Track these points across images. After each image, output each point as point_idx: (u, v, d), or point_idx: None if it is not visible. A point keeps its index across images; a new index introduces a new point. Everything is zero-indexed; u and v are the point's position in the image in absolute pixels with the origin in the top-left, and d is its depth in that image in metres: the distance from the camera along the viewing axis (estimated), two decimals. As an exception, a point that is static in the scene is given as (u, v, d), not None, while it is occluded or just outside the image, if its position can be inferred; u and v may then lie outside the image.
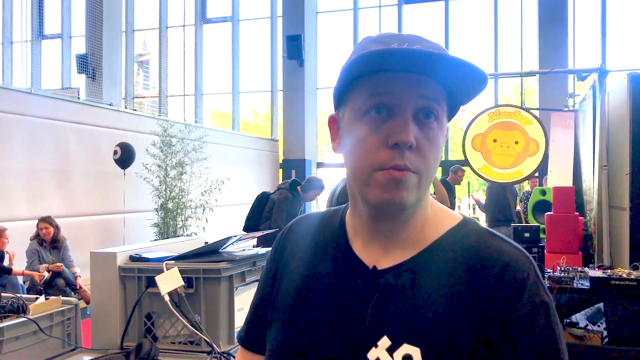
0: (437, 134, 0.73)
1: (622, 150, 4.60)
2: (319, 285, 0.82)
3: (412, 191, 0.72)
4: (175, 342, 1.73)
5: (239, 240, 2.07)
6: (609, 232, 4.71)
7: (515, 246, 0.76)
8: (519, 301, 0.70)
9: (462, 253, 0.74)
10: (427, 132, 0.73)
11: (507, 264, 0.72)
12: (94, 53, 12.58)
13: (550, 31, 10.49)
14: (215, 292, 1.69)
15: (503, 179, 5.38)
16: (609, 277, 3.41)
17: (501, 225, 6.63)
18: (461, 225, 0.79)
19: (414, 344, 0.71)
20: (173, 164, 7.97)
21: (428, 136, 0.73)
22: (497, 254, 0.73)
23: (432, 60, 0.70)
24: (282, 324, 0.84)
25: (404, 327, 0.72)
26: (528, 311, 0.69)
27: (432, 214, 0.80)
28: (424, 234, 0.78)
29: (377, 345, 0.73)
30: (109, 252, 1.77)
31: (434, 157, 0.73)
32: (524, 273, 0.72)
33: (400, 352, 0.71)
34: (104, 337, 1.75)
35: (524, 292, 0.70)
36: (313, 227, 0.91)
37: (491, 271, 0.71)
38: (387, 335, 0.73)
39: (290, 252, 0.90)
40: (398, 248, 0.77)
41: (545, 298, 0.72)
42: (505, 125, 5.30)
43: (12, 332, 1.49)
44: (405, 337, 0.72)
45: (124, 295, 1.77)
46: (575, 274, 3.68)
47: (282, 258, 0.91)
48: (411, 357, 0.70)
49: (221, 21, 13.98)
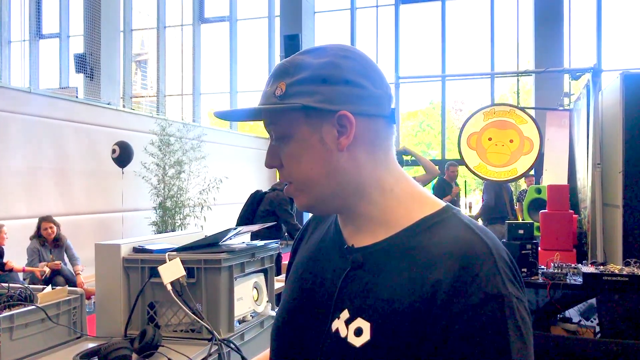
0: (296, 148, 0.82)
1: (615, 149, 4.65)
2: (313, 259, 0.92)
3: (301, 197, 0.84)
4: (177, 330, 1.79)
5: (238, 234, 2.13)
6: (602, 230, 4.76)
7: (479, 236, 0.76)
8: (469, 291, 0.70)
9: (426, 240, 0.77)
10: (285, 151, 0.83)
11: (464, 254, 0.73)
12: (92, 52, 12.61)
13: (546, 31, 10.57)
14: (216, 281, 1.75)
15: (498, 177, 5.44)
16: (602, 273, 3.44)
17: (496, 223, 6.68)
18: (435, 215, 0.81)
19: (366, 319, 0.76)
20: (171, 163, 8.02)
21: (286, 153, 0.83)
22: (458, 244, 0.75)
23: (252, 115, 0.87)
24: (283, 295, 0.96)
25: (361, 302, 0.78)
26: (477, 302, 0.69)
27: (399, 200, 0.83)
28: (389, 219, 0.82)
29: (339, 317, 0.80)
30: (113, 243, 1.83)
31: (297, 168, 0.83)
32: (478, 263, 0.72)
33: (354, 324, 0.77)
34: (108, 325, 1.81)
35: (475, 282, 0.70)
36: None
37: (449, 260, 0.73)
38: (347, 308, 0.79)
39: (310, 232, 1.02)
40: (365, 231, 0.84)
41: (502, 290, 0.70)
42: (500, 124, 5.35)
43: (21, 319, 1.55)
44: (360, 311, 0.77)
45: (128, 285, 1.82)
46: (569, 270, 3.72)
47: (303, 239, 1.02)
48: (362, 330, 0.76)
49: (219, 21, 14.03)
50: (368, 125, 0.81)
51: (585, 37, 11.07)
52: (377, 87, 0.82)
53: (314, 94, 0.78)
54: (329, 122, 0.80)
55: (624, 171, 4.49)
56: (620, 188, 4.51)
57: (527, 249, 3.89)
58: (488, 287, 0.70)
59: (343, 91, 0.79)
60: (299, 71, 0.80)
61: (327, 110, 0.79)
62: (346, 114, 0.78)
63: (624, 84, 4.51)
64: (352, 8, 12.69)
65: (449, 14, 12.03)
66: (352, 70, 0.80)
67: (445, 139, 12.25)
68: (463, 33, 12.32)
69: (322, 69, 0.79)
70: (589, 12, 11.01)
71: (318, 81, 0.79)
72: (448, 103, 12.95)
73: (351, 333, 0.77)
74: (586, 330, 3.80)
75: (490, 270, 0.72)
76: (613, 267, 3.66)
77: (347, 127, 0.79)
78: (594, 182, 4.85)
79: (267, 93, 0.83)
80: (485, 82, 11.88)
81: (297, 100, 0.78)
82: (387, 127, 0.84)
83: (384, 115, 0.83)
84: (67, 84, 13.64)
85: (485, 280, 0.71)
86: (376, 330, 0.75)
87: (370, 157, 0.82)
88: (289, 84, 0.79)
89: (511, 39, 11.73)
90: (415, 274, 0.75)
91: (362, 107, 0.80)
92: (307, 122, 0.80)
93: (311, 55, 0.82)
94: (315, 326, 0.83)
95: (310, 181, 0.82)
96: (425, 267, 0.75)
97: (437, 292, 0.72)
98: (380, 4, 12.58)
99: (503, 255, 0.75)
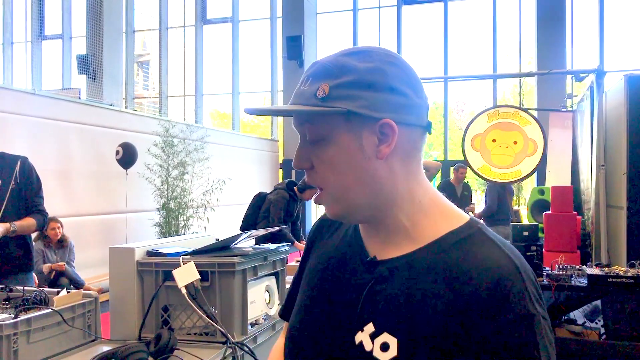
0: (332, 153, 0.80)
1: (619, 151, 4.66)
2: (332, 269, 0.90)
3: (331, 205, 0.83)
4: (190, 333, 1.80)
5: (249, 237, 2.15)
6: (606, 231, 4.77)
7: (507, 255, 0.76)
8: (501, 311, 0.70)
9: (454, 257, 0.77)
10: (319, 155, 0.81)
11: (494, 273, 0.73)
12: (94, 53, 12.64)
13: (549, 32, 10.58)
14: (230, 285, 1.76)
15: (502, 179, 5.45)
16: (607, 274, 3.45)
17: (500, 225, 6.70)
18: (461, 230, 0.81)
19: (392, 334, 0.76)
20: (175, 164, 8.03)
21: (320, 157, 0.81)
22: (487, 262, 0.75)
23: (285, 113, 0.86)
24: (298, 302, 0.94)
25: (387, 317, 0.77)
26: (509, 322, 0.70)
27: (426, 213, 0.83)
28: (416, 233, 0.82)
29: (363, 330, 0.78)
30: (127, 247, 1.84)
31: (330, 174, 0.81)
32: (509, 283, 0.72)
33: (380, 339, 0.77)
34: (123, 328, 1.83)
35: (506, 302, 0.71)
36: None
37: (479, 280, 0.73)
38: (372, 322, 0.78)
39: (322, 236, 0.99)
40: (390, 244, 0.83)
41: (531, 310, 0.71)
42: (504, 126, 5.36)
43: (38, 322, 1.56)
44: (387, 326, 0.77)
45: (142, 289, 1.84)
46: (574, 272, 3.72)
47: (316, 240, 1.00)
48: (388, 346, 0.75)
49: (221, 22, 14.04)
50: (408, 134, 0.80)
51: (588, 38, 11.08)
52: (419, 96, 0.82)
53: (358, 99, 0.77)
54: (370, 129, 0.78)
55: (628, 172, 4.50)
56: (624, 189, 4.53)
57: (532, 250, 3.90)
58: (519, 307, 0.71)
59: (387, 99, 0.78)
60: (344, 74, 0.78)
61: (370, 117, 0.77)
62: (389, 122, 0.77)
63: (628, 85, 4.52)
64: (354, 9, 12.71)
65: (451, 15, 12.04)
66: (397, 77, 0.79)
67: (448, 140, 12.26)
68: (465, 34, 12.33)
69: (368, 73, 0.77)
70: (591, 13, 11.01)
71: (363, 86, 0.77)
72: (450, 104, 12.96)
73: (377, 348, 0.77)
74: (591, 332, 3.81)
75: (520, 290, 0.72)
76: (618, 268, 3.66)
77: (389, 135, 0.78)
78: (598, 183, 4.85)
79: (306, 93, 0.80)
80: (487, 83, 11.89)
81: (341, 104, 0.76)
82: (422, 137, 0.84)
83: (422, 125, 0.82)
84: (69, 85, 13.66)
85: (516, 300, 0.71)
86: (403, 347, 0.75)
87: (404, 167, 0.81)
88: (333, 86, 0.77)
89: (513, 40, 11.74)
90: (444, 291, 0.74)
91: (404, 116, 0.79)
92: (347, 126, 0.78)
93: (356, 58, 0.80)
94: (337, 337, 0.82)
95: (345, 189, 0.80)
96: (454, 285, 0.74)
97: (468, 312, 0.72)
98: (383, 5, 12.59)
99: (530, 275, 0.76)
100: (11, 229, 2.65)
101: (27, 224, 2.77)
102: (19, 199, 2.78)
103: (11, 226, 2.65)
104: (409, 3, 12.41)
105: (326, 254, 0.94)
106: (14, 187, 2.74)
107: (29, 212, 2.82)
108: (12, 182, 2.73)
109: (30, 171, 2.86)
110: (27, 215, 2.81)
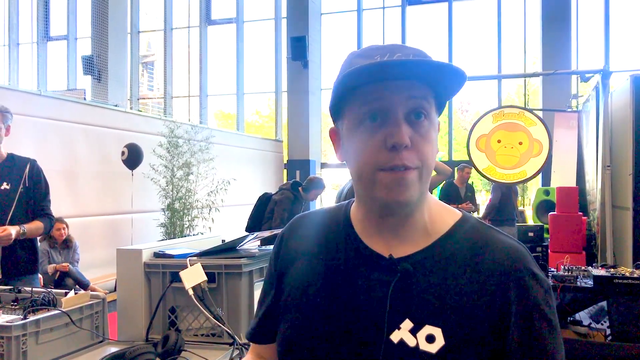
0: (429, 130, 0.80)
1: (625, 151, 4.65)
2: (333, 277, 0.86)
3: (413, 187, 0.78)
4: (197, 334, 1.81)
5: (255, 239, 2.15)
6: (612, 232, 4.76)
7: (508, 237, 0.85)
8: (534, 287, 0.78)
9: (470, 245, 0.82)
10: (419, 130, 0.79)
11: (512, 255, 0.81)
12: (99, 54, 12.67)
13: (554, 32, 10.54)
14: (237, 286, 1.77)
15: (507, 180, 5.44)
16: (613, 275, 3.44)
17: (505, 225, 6.68)
18: (463, 220, 0.86)
19: (435, 325, 0.77)
20: (180, 165, 8.05)
21: (421, 134, 0.79)
22: (497, 244, 0.82)
23: (414, 67, 0.78)
24: (295, 318, 0.88)
25: (425, 309, 0.78)
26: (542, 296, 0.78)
27: (434, 209, 0.87)
28: (430, 228, 0.84)
29: (400, 327, 0.78)
30: (134, 248, 1.85)
31: (429, 151, 0.80)
32: (527, 260, 0.80)
33: (423, 332, 0.77)
34: (130, 329, 1.84)
35: (534, 279, 0.79)
36: (318, 223, 0.96)
37: (496, 258, 0.80)
38: (409, 317, 0.78)
39: (295, 249, 0.95)
40: (407, 240, 0.83)
41: (548, 280, 0.81)
42: (510, 126, 5.36)
43: (47, 324, 1.57)
44: (427, 318, 0.77)
45: (149, 290, 1.85)
46: (579, 273, 3.72)
47: (287, 256, 0.96)
48: (434, 337, 0.76)
49: (226, 22, 14.06)
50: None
51: (593, 38, 11.04)
52: None
53: None
54: (437, 112, 0.84)
55: (634, 173, 4.49)
56: (630, 190, 4.52)
57: (538, 251, 3.91)
58: (542, 281, 0.80)
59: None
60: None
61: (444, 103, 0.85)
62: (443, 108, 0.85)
63: (634, 86, 4.51)
64: (358, 9, 12.70)
65: (455, 15, 12.02)
66: None
67: (452, 140, 12.24)
68: (470, 34, 12.30)
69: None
70: (596, 13, 10.98)
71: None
72: (455, 104, 12.94)
73: (422, 341, 0.77)
74: (597, 333, 3.80)
75: (535, 265, 0.81)
76: (623, 269, 3.65)
77: (438, 122, 0.85)
78: (604, 184, 4.85)
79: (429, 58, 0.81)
80: (492, 83, 11.86)
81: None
82: None
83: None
84: (74, 86, 13.70)
85: (539, 275, 0.80)
86: (449, 335, 0.76)
87: None
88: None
89: (518, 40, 11.71)
90: (470, 274, 0.79)
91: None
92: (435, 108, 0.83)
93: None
94: (368, 342, 0.80)
95: (429, 172, 0.82)
96: (478, 267, 0.80)
97: (498, 284, 0.78)
98: (387, 5, 12.58)
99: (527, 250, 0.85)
100: (21, 231, 2.67)
101: (36, 227, 2.80)
102: (27, 203, 2.81)
103: (21, 229, 2.68)
104: (413, 3, 12.40)
105: (316, 266, 0.89)
106: (23, 191, 2.77)
107: (36, 216, 2.84)
108: (20, 186, 2.76)
109: (38, 175, 2.88)
110: (35, 218, 2.83)
